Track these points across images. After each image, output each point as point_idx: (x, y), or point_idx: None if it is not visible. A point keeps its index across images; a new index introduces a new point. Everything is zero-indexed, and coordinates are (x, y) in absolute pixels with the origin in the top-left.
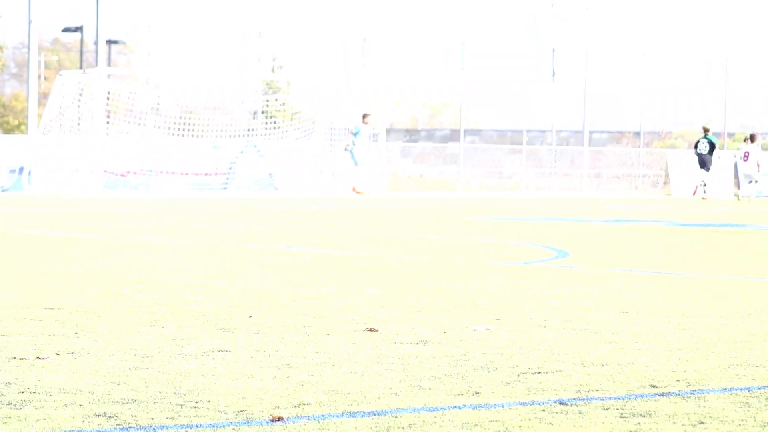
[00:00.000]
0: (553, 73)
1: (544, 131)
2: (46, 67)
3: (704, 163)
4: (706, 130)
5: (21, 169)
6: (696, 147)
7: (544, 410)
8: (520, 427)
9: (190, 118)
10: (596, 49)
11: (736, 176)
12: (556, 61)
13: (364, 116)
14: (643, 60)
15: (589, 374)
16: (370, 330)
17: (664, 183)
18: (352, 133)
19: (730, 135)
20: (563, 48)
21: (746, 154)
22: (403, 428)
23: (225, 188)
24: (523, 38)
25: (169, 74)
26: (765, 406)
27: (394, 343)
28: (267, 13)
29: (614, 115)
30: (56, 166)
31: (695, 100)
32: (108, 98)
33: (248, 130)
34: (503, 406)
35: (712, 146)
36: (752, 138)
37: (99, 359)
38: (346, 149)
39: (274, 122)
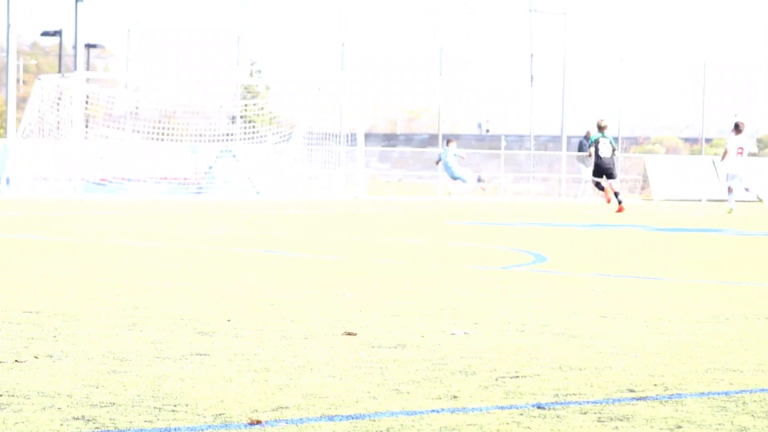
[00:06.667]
0: (531, 78)
1: (522, 136)
2: (25, 71)
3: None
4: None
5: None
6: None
7: (522, 414)
8: (498, 430)
9: (168, 123)
10: (574, 55)
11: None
12: (534, 66)
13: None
14: (621, 65)
15: (567, 378)
16: (349, 334)
17: (642, 188)
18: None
19: (708, 141)
20: (541, 53)
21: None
22: None
23: (203, 192)
24: (501, 43)
25: (148, 78)
26: (742, 410)
27: (372, 347)
28: (245, 17)
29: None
30: (35, 169)
31: (673, 105)
32: (87, 102)
33: (227, 134)
34: (481, 410)
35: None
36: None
37: (77, 362)
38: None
39: (253, 126)
